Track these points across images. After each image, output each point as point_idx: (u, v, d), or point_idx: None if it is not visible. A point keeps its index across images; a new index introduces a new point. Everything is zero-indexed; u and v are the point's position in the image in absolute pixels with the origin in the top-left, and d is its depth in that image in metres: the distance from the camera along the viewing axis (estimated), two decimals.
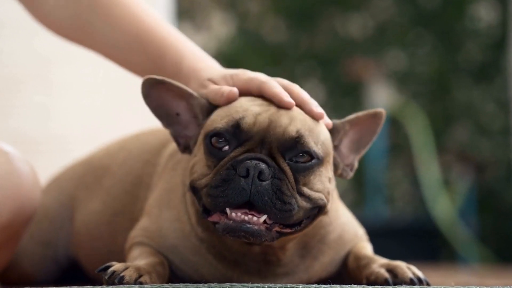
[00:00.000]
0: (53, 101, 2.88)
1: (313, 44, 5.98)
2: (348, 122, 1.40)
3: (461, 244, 4.83)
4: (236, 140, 1.29)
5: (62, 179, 1.77)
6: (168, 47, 1.49)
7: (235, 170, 1.26)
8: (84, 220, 1.68)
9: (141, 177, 1.58)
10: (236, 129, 1.29)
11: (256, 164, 1.26)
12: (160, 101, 1.38)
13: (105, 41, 1.56)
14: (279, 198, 1.26)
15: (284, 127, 1.29)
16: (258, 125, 1.29)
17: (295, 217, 1.29)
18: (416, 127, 5.12)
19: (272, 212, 1.26)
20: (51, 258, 1.72)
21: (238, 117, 1.30)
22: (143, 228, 1.46)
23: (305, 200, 1.30)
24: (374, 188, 5.21)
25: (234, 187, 1.26)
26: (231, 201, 1.26)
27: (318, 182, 1.32)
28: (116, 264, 1.30)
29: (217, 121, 1.32)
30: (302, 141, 1.29)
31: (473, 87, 5.74)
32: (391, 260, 1.39)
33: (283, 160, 1.29)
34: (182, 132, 1.40)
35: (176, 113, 1.39)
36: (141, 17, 1.54)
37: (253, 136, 1.29)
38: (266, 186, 1.26)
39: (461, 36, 5.79)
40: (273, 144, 1.29)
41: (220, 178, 1.27)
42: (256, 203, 1.26)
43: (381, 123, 1.40)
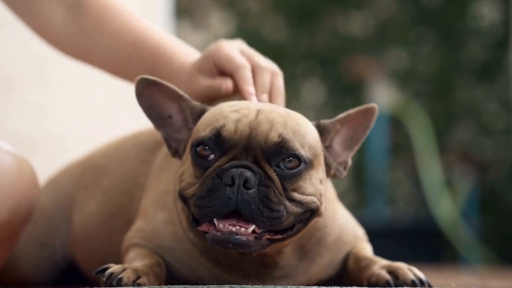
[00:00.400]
0: (50, 100, 2.88)
1: (314, 43, 5.99)
2: (338, 121, 1.39)
3: (463, 245, 4.83)
4: (220, 149, 1.29)
5: (59, 179, 1.77)
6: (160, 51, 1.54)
7: (220, 179, 1.26)
8: (81, 220, 1.68)
9: (137, 177, 1.58)
10: (217, 137, 1.29)
11: (241, 172, 1.25)
12: (153, 102, 1.38)
13: (105, 54, 1.61)
14: (266, 206, 1.26)
15: (265, 133, 1.28)
16: (239, 132, 1.28)
17: (285, 223, 1.28)
18: (418, 126, 5.12)
19: (260, 220, 1.25)
20: (48, 259, 1.72)
21: (218, 125, 1.29)
22: (139, 229, 1.46)
23: (295, 205, 1.29)
24: (375, 188, 5.21)
25: (220, 197, 1.25)
26: (218, 211, 1.25)
27: (309, 185, 1.31)
28: (114, 266, 1.29)
29: (200, 130, 1.32)
30: (286, 145, 1.28)
31: (475, 86, 5.74)
32: (392, 262, 1.39)
33: (269, 167, 1.28)
34: (173, 135, 1.40)
35: (169, 115, 1.39)
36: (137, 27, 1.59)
37: (236, 144, 1.28)
38: (252, 194, 1.25)
39: (464, 35, 5.79)
40: (257, 151, 1.28)
41: (206, 188, 1.27)
42: (243, 212, 1.25)
43: (373, 118, 1.39)
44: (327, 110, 5.92)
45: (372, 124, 1.40)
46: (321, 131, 1.37)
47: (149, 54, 1.54)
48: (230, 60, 1.42)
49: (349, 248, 1.46)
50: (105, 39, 1.60)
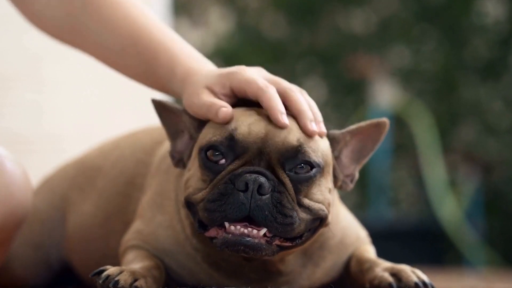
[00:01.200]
0: (45, 99, 2.88)
1: (315, 40, 5.98)
2: (349, 133, 1.39)
3: (467, 247, 4.83)
4: (232, 153, 1.28)
5: (54, 180, 1.77)
6: (161, 48, 1.48)
7: (233, 184, 1.26)
8: (76, 222, 1.67)
9: (134, 177, 1.58)
10: (230, 141, 1.28)
11: (256, 178, 1.25)
12: (171, 120, 1.41)
13: (97, 43, 1.55)
14: (280, 212, 1.26)
15: (283, 136, 1.28)
16: (254, 135, 1.28)
17: (297, 230, 1.28)
18: (421, 126, 5.12)
19: (273, 226, 1.25)
20: (43, 262, 1.72)
21: (230, 128, 1.29)
22: (137, 231, 1.46)
23: (305, 212, 1.29)
24: (377, 189, 5.21)
25: (232, 202, 1.25)
26: (230, 216, 1.25)
27: (318, 192, 1.31)
28: (111, 268, 1.29)
29: (210, 133, 1.31)
30: (303, 150, 1.28)
31: (480, 85, 5.74)
32: (395, 264, 1.39)
33: (282, 172, 1.28)
34: (179, 148, 1.40)
35: (181, 130, 1.40)
36: (134, 17, 1.52)
37: (249, 147, 1.28)
38: (266, 200, 1.25)
39: (468, 32, 5.79)
40: (272, 155, 1.28)
41: (217, 192, 1.26)
42: (256, 218, 1.25)
43: (384, 132, 1.39)
44: (328, 109, 5.91)
45: (382, 139, 1.40)
46: (331, 140, 1.37)
47: (147, 51, 1.49)
48: (253, 83, 1.34)
49: (352, 250, 1.46)
50: (95, 24, 1.54)
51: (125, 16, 1.52)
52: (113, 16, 1.53)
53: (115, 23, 1.53)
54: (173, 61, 1.46)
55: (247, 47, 5.92)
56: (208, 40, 5.92)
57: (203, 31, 6.02)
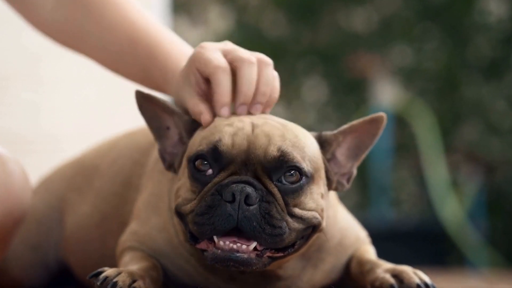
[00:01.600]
0: (43, 98, 2.88)
1: (315, 39, 5.98)
2: (341, 133, 1.37)
3: (470, 248, 4.83)
4: (218, 164, 1.28)
5: (52, 180, 1.77)
6: (157, 51, 1.48)
7: (220, 195, 1.25)
8: (74, 223, 1.67)
9: (130, 177, 1.58)
10: (215, 152, 1.28)
11: (242, 188, 1.24)
12: (153, 113, 1.39)
13: (97, 46, 1.56)
14: (268, 223, 1.25)
15: (263, 148, 1.27)
16: (237, 147, 1.27)
17: (287, 240, 1.27)
18: (423, 125, 5.12)
19: (262, 237, 1.25)
20: (40, 263, 1.72)
21: (214, 139, 1.28)
22: (133, 232, 1.46)
23: (297, 221, 1.28)
24: (378, 189, 5.21)
25: (220, 214, 1.24)
26: (218, 228, 1.24)
27: (310, 201, 1.30)
28: (108, 270, 1.29)
29: (196, 143, 1.31)
30: (286, 158, 1.27)
31: (482, 84, 5.73)
32: (397, 265, 1.39)
33: (270, 182, 1.27)
34: (169, 148, 1.39)
35: (167, 127, 1.39)
36: (133, 20, 1.53)
37: (234, 158, 1.27)
38: (254, 210, 1.24)
39: (470, 31, 5.79)
40: (257, 166, 1.27)
41: (205, 205, 1.26)
42: (244, 229, 1.24)
43: (381, 126, 1.37)
44: (329, 109, 5.91)
45: (380, 132, 1.38)
46: (322, 143, 1.36)
47: (144, 54, 1.49)
48: (208, 63, 1.33)
49: (352, 251, 1.46)
50: (96, 29, 1.55)
51: (124, 19, 1.53)
52: (113, 20, 1.54)
53: (115, 26, 1.53)
54: (167, 64, 1.46)
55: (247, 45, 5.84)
56: (208, 39, 5.91)
57: (203, 29, 6.02)
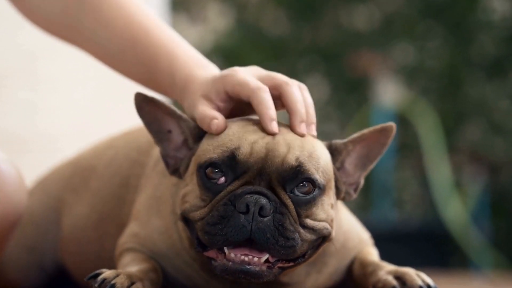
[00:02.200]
0: (40, 97, 2.88)
1: (316, 37, 5.98)
2: (351, 142, 1.37)
3: (473, 250, 4.83)
4: (232, 172, 1.27)
5: (49, 181, 1.77)
6: (161, 52, 1.46)
7: (233, 205, 1.25)
8: (71, 224, 1.67)
9: (128, 178, 1.57)
10: (231, 160, 1.27)
11: (257, 199, 1.24)
12: (153, 116, 1.38)
13: (93, 41, 1.53)
14: (282, 234, 1.25)
15: (282, 156, 1.27)
16: (255, 155, 1.27)
17: (299, 251, 1.28)
18: (426, 125, 5.11)
19: (275, 249, 1.25)
20: (37, 265, 1.71)
21: (233, 147, 1.27)
22: (133, 234, 1.45)
23: (308, 232, 1.28)
24: (381, 190, 5.21)
25: (233, 225, 1.24)
26: (231, 239, 1.24)
27: (321, 212, 1.30)
28: (107, 271, 1.29)
29: (209, 150, 1.30)
30: (302, 169, 1.27)
31: (486, 83, 5.73)
32: (399, 267, 1.39)
33: (284, 193, 1.27)
34: (172, 152, 1.38)
35: (168, 130, 1.38)
36: (133, 17, 1.50)
37: (251, 167, 1.27)
38: (268, 222, 1.24)
39: (474, 29, 5.79)
40: (272, 175, 1.27)
41: (217, 215, 1.25)
42: (258, 241, 1.24)
43: (391, 136, 1.38)
44: (330, 108, 5.91)
45: (389, 142, 1.38)
46: (332, 152, 1.36)
47: (146, 54, 1.47)
48: (245, 85, 1.32)
49: (354, 253, 1.46)
50: (91, 22, 1.52)
51: (123, 15, 1.51)
52: (111, 15, 1.51)
53: (113, 22, 1.51)
54: (173, 67, 1.43)
55: (247, 44, 5.92)
56: (207, 37, 5.92)
57: (202, 28, 6.02)
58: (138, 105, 1.37)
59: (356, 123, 5.30)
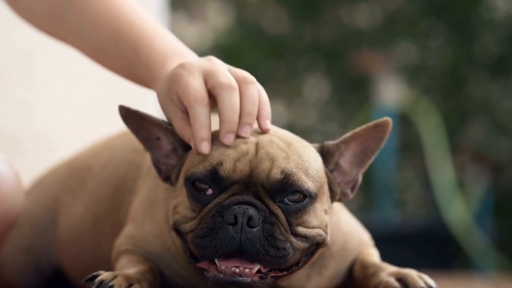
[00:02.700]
0: (35, 96, 2.88)
1: (317, 35, 5.98)
2: (343, 142, 1.36)
3: (476, 251, 4.83)
4: (217, 186, 1.27)
5: (45, 182, 1.77)
6: (141, 44, 1.45)
7: (222, 217, 1.25)
8: (68, 225, 1.67)
9: (124, 179, 1.58)
10: (215, 175, 1.27)
11: (245, 210, 1.24)
12: (139, 124, 1.37)
13: (80, 38, 1.54)
14: (272, 244, 1.25)
15: (266, 171, 1.26)
16: (239, 172, 1.27)
17: (291, 260, 1.28)
18: (428, 125, 5.12)
19: (266, 259, 1.25)
20: (34, 266, 1.72)
21: (215, 163, 1.27)
22: (129, 235, 1.45)
23: (301, 241, 1.28)
24: (382, 190, 5.21)
25: (222, 236, 1.24)
26: (220, 251, 1.25)
27: (314, 218, 1.30)
28: (104, 273, 1.29)
29: (194, 164, 1.29)
30: (290, 181, 1.27)
31: (489, 82, 5.73)
32: (401, 268, 1.39)
33: (272, 202, 1.27)
34: (162, 159, 1.38)
35: (157, 137, 1.37)
36: (118, 14, 1.50)
37: (236, 181, 1.27)
38: (257, 232, 1.24)
39: (477, 27, 5.79)
40: (259, 188, 1.27)
41: (206, 227, 1.26)
42: (248, 252, 1.24)
43: (388, 130, 1.36)
44: (331, 107, 5.91)
45: (386, 137, 1.36)
46: (324, 154, 1.35)
47: (128, 47, 1.46)
48: (186, 94, 1.29)
49: (355, 255, 1.46)
50: (78, 20, 1.53)
51: (109, 10, 1.51)
52: (96, 10, 1.51)
53: (98, 17, 1.51)
54: (150, 58, 1.43)
55: (247, 42, 5.92)
56: (206, 35, 5.92)
57: (201, 26, 6.02)
58: (122, 114, 1.37)
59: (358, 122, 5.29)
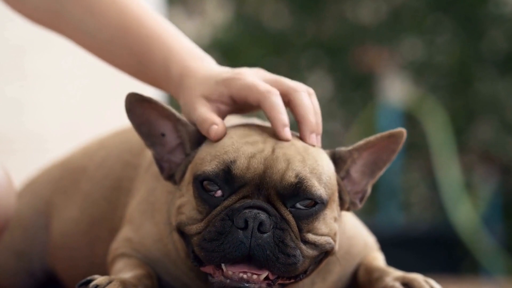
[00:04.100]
0: (27, 94, 2.88)
1: (320, 31, 5.98)
2: (356, 150, 1.36)
3: (484, 254, 4.84)
4: (229, 187, 1.27)
5: (37, 183, 1.77)
6: (155, 41, 1.44)
7: (231, 220, 1.24)
8: (61, 228, 1.67)
9: (120, 180, 1.57)
10: (227, 174, 1.26)
11: (256, 214, 1.24)
12: (145, 119, 1.36)
13: (80, 29, 1.52)
14: (282, 251, 1.25)
15: (281, 172, 1.26)
16: (252, 170, 1.26)
17: (301, 268, 1.28)
18: (435, 124, 5.12)
19: (275, 266, 1.25)
20: (26, 271, 1.72)
21: (228, 160, 1.27)
22: (126, 238, 1.45)
23: (310, 248, 1.28)
24: (388, 192, 5.21)
25: (231, 241, 1.24)
26: (228, 256, 1.24)
27: (323, 226, 1.30)
28: (99, 278, 1.29)
29: (205, 162, 1.29)
30: (303, 186, 1.27)
31: (498, 79, 5.74)
32: (407, 273, 1.39)
33: (284, 207, 1.27)
34: (166, 155, 1.37)
35: (161, 134, 1.36)
36: (123, 5, 1.49)
37: (248, 182, 1.26)
38: (268, 238, 1.24)
39: (485, 22, 5.79)
40: (270, 191, 1.26)
41: (214, 230, 1.25)
42: (257, 258, 1.24)
43: (401, 142, 1.36)
44: (334, 106, 5.91)
45: (399, 148, 1.37)
46: (336, 160, 1.35)
47: (138, 42, 1.45)
48: (254, 88, 1.32)
49: (359, 259, 1.46)
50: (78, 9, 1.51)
51: (114, 2, 1.50)
52: (100, 3, 1.50)
53: (102, 10, 1.50)
54: (168, 57, 1.42)
55: (247, 38, 5.92)
56: (205, 31, 5.92)
57: (199, 21, 6.02)
58: (129, 106, 1.35)
59: (361, 121, 5.31)
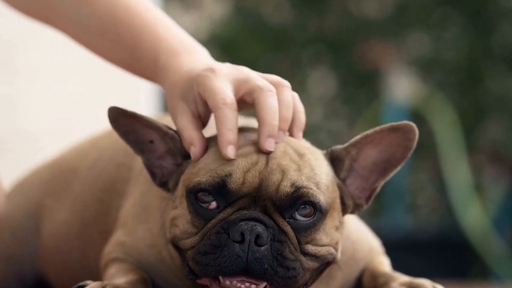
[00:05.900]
0: (19, 91, 2.88)
1: (322, 25, 5.99)
2: (353, 145, 1.34)
3: (494, 259, 4.84)
4: (224, 199, 1.26)
5: (27, 184, 1.77)
6: (145, 33, 1.44)
7: (227, 233, 1.24)
8: (51, 231, 1.67)
9: (113, 182, 1.57)
10: (222, 188, 1.26)
11: (252, 227, 1.23)
12: (130, 128, 1.35)
13: (73, 20, 1.52)
14: (281, 264, 1.24)
15: (276, 184, 1.26)
16: (248, 184, 1.26)
17: (301, 281, 1.27)
18: (443, 122, 5.12)
19: (274, 280, 1.24)
20: (15, 275, 1.72)
21: (223, 174, 1.26)
22: (119, 242, 1.45)
23: (311, 260, 1.28)
24: (394, 194, 5.22)
25: (227, 255, 1.23)
26: (225, 270, 1.23)
27: (324, 236, 1.29)
28: (92, 283, 1.29)
29: (199, 174, 1.28)
30: (299, 193, 1.26)
31: (509, 76, 5.74)
32: (414, 278, 1.39)
33: (282, 218, 1.26)
34: (157, 161, 1.36)
35: (150, 141, 1.36)
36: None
37: (244, 196, 1.26)
38: (265, 251, 1.23)
39: (495, 17, 5.79)
40: (267, 203, 1.26)
41: (209, 243, 1.25)
42: (255, 272, 1.23)
43: (414, 137, 1.34)
44: (337, 104, 5.92)
45: (413, 145, 1.35)
46: (334, 161, 1.34)
47: (129, 34, 1.45)
48: (212, 95, 1.30)
49: (364, 264, 1.46)
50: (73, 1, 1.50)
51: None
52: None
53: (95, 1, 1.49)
54: (157, 50, 1.42)
55: (246, 33, 5.92)
56: (202, 25, 5.92)
57: (197, 15, 6.02)
58: (112, 117, 1.34)
59: (366, 120, 5.31)
